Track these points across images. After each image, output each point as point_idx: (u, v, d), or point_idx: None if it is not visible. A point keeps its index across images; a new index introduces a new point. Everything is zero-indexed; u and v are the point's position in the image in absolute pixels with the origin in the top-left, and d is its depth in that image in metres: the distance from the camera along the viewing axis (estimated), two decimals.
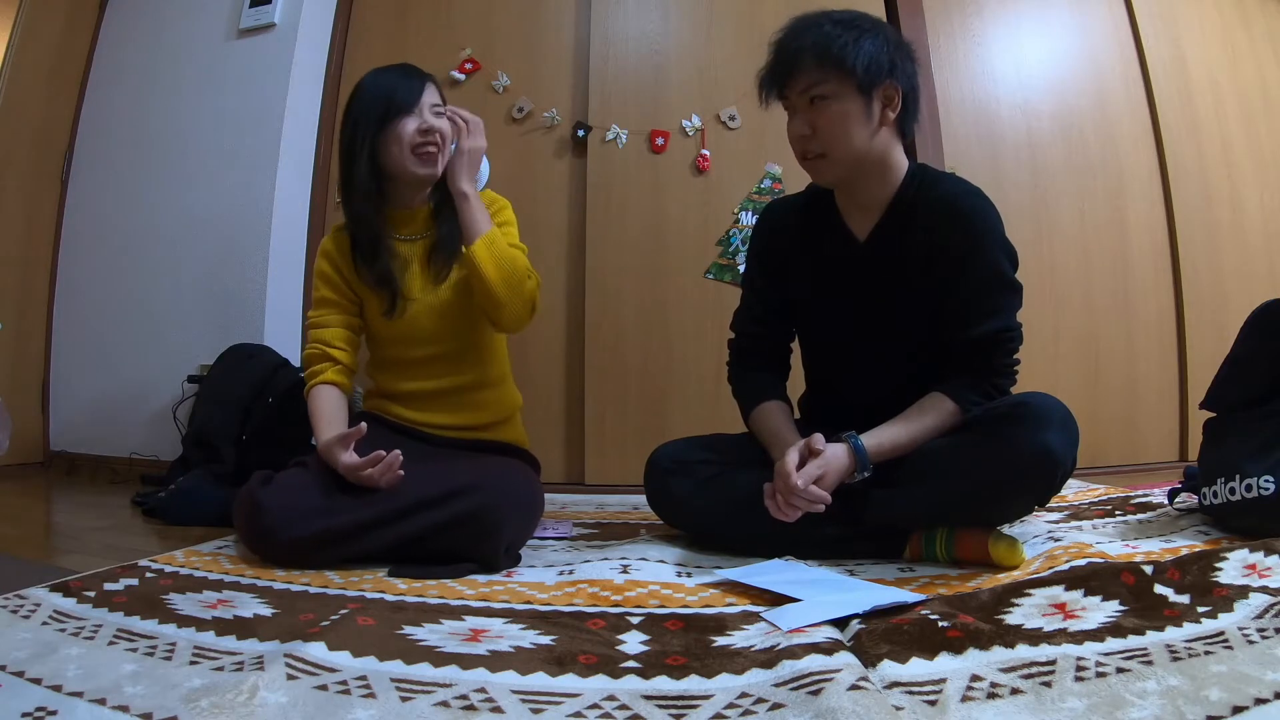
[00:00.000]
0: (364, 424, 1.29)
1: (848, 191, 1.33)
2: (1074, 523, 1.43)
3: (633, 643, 0.85)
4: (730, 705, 0.68)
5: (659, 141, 2.29)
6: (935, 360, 1.29)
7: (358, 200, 1.44)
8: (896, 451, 1.20)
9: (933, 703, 0.66)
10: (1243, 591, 0.87)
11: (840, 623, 0.89)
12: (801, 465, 1.16)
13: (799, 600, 0.97)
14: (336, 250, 1.50)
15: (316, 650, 0.78)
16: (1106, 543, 1.25)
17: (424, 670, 0.76)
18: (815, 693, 0.67)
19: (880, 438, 1.20)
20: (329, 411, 1.39)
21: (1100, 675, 0.69)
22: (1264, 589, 0.87)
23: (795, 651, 0.77)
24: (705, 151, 2.29)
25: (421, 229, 1.51)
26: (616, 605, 1.01)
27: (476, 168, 1.44)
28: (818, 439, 1.18)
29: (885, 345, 1.34)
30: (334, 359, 1.45)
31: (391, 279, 1.45)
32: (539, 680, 0.74)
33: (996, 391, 1.24)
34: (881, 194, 1.29)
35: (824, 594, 0.99)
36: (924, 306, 1.29)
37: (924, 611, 0.87)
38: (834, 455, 1.17)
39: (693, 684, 0.73)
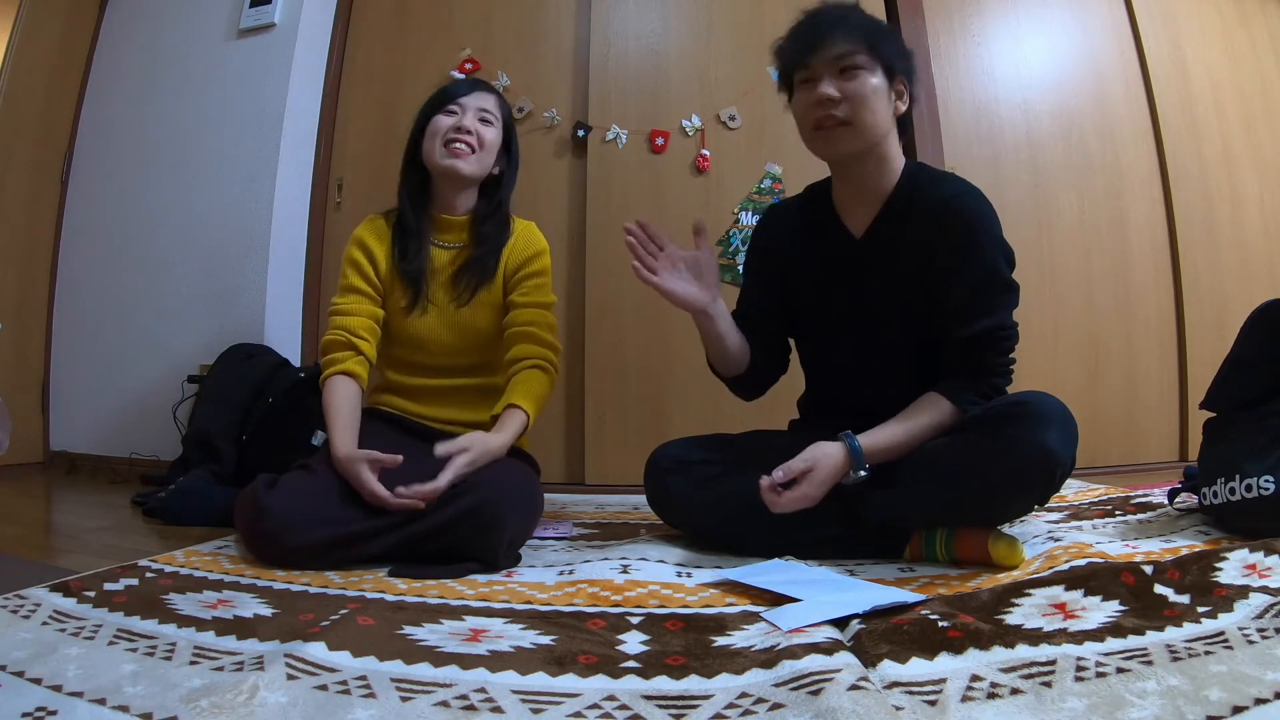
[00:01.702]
0: (400, 457, 1.24)
1: (847, 182, 1.33)
2: (1074, 523, 1.43)
3: (633, 643, 0.85)
4: (730, 705, 0.68)
5: (659, 141, 2.29)
6: (932, 360, 1.29)
7: (401, 193, 1.51)
8: (893, 451, 1.20)
9: (933, 703, 0.66)
10: (1243, 591, 0.87)
11: (840, 623, 0.89)
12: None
13: (799, 600, 0.97)
14: (372, 238, 1.51)
15: (316, 650, 0.78)
16: (1106, 543, 1.25)
17: (424, 670, 0.76)
18: (815, 693, 0.67)
19: (876, 437, 1.20)
20: (345, 411, 1.37)
21: (1100, 675, 0.69)
22: (1264, 589, 0.87)
23: (795, 651, 0.77)
24: (705, 151, 2.28)
25: (458, 238, 1.52)
26: (616, 605, 1.01)
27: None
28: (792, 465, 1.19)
29: (882, 344, 1.34)
30: (356, 348, 1.44)
31: (421, 278, 1.47)
32: (539, 680, 0.74)
33: (993, 390, 1.24)
34: (879, 188, 1.30)
35: (824, 594, 0.99)
36: (920, 304, 1.29)
37: (924, 611, 0.87)
38: (828, 451, 1.17)
39: (693, 684, 0.73)
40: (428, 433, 1.49)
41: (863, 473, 1.18)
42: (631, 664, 0.78)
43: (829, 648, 0.78)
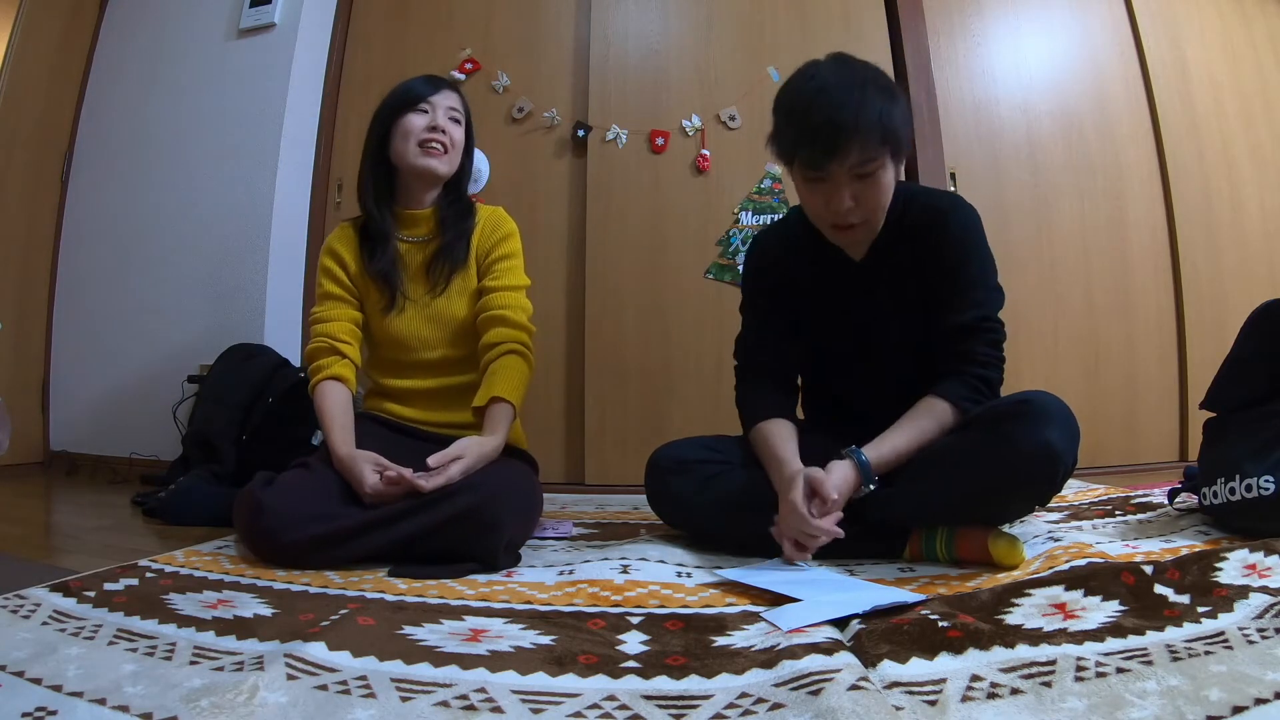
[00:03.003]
0: (409, 470, 1.24)
1: None
2: (1074, 523, 1.43)
3: (633, 643, 0.85)
4: (730, 705, 0.68)
5: (659, 141, 2.29)
6: (931, 373, 1.29)
7: (364, 192, 1.49)
8: (898, 461, 1.20)
9: (933, 703, 0.66)
10: (1243, 591, 0.87)
11: (840, 623, 0.89)
12: (811, 496, 1.15)
13: (799, 600, 0.97)
14: (342, 245, 1.52)
15: (316, 650, 0.78)
16: (1106, 543, 1.25)
17: (424, 670, 0.76)
18: (815, 693, 0.67)
19: (881, 449, 1.19)
20: (339, 414, 1.38)
21: (1100, 675, 0.69)
22: (1264, 589, 0.87)
23: (795, 651, 0.77)
24: (705, 151, 2.29)
25: (426, 232, 1.52)
26: (616, 605, 1.01)
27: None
28: (823, 484, 1.14)
29: (883, 360, 1.35)
30: (340, 352, 1.45)
31: (393, 276, 1.47)
32: (539, 680, 0.74)
33: (984, 384, 1.24)
34: None
35: (824, 594, 0.99)
36: (920, 317, 1.30)
37: (924, 611, 0.87)
38: (840, 475, 1.16)
39: (693, 684, 0.73)
40: (423, 436, 1.49)
41: (872, 486, 1.17)
42: (631, 664, 0.78)
43: (829, 648, 0.78)
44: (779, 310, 1.41)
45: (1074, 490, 1.84)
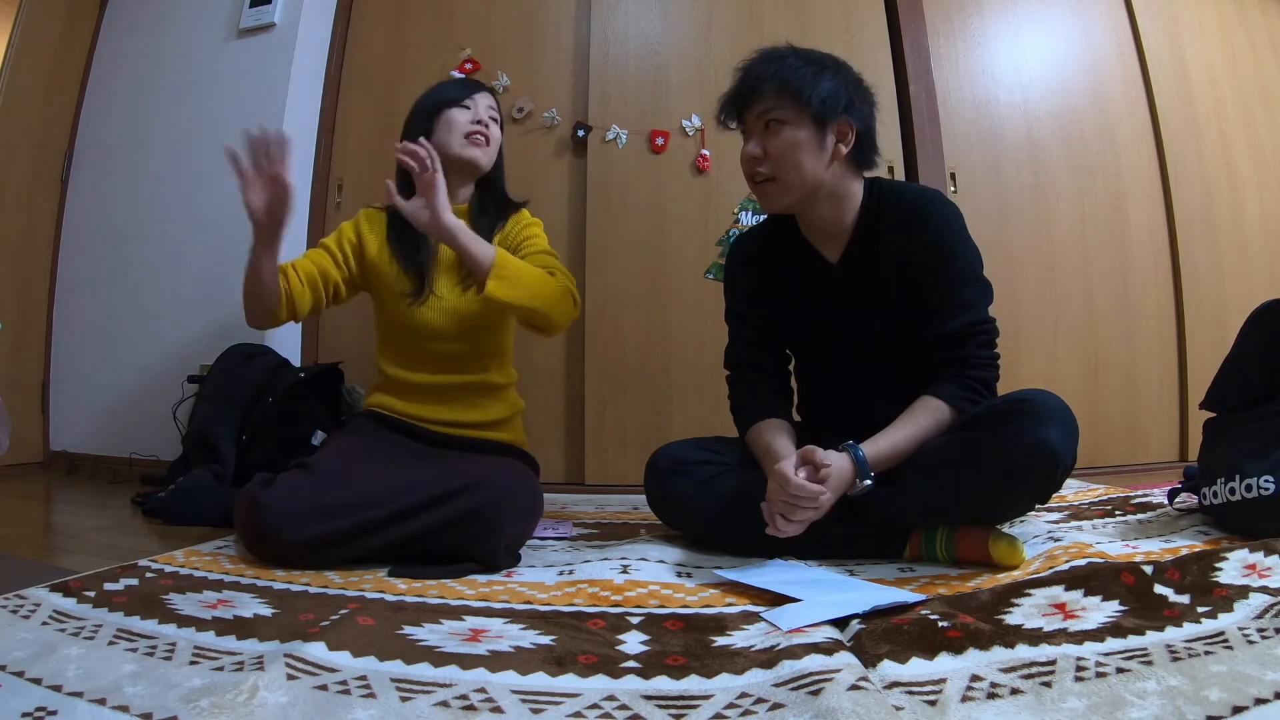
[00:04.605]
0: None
1: (806, 220, 1.35)
2: (1074, 523, 1.43)
3: (633, 643, 0.85)
4: (730, 705, 0.68)
5: (659, 141, 2.29)
6: (919, 372, 1.29)
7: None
8: (896, 459, 1.20)
9: (933, 703, 0.66)
10: (1243, 591, 0.87)
11: (840, 623, 0.89)
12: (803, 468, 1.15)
13: (799, 600, 0.97)
14: (366, 225, 1.55)
15: (316, 650, 0.78)
16: (1106, 543, 1.25)
17: (424, 670, 0.76)
18: (815, 693, 0.67)
19: (879, 446, 1.19)
20: None
21: (1100, 675, 0.69)
22: (1264, 589, 0.87)
23: (795, 651, 0.77)
24: (705, 151, 2.29)
25: None
26: (616, 605, 1.01)
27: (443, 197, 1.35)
28: (815, 450, 1.16)
29: (870, 361, 1.35)
30: (285, 271, 1.41)
31: (427, 269, 1.49)
32: (539, 680, 0.74)
33: (980, 385, 1.24)
34: (842, 221, 1.32)
35: (824, 594, 0.99)
36: (904, 314, 1.30)
37: (924, 611, 0.87)
38: (835, 458, 1.17)
39: (693, 684, 0.73)
40: (426, 437, 1.49)
41: (868, 482, 1.17)
42: (631, 664, 0.78)
43: (829, 648, 0.78)
44: (764, 313, 1.41)
45: (1074, 490, 1.84)
